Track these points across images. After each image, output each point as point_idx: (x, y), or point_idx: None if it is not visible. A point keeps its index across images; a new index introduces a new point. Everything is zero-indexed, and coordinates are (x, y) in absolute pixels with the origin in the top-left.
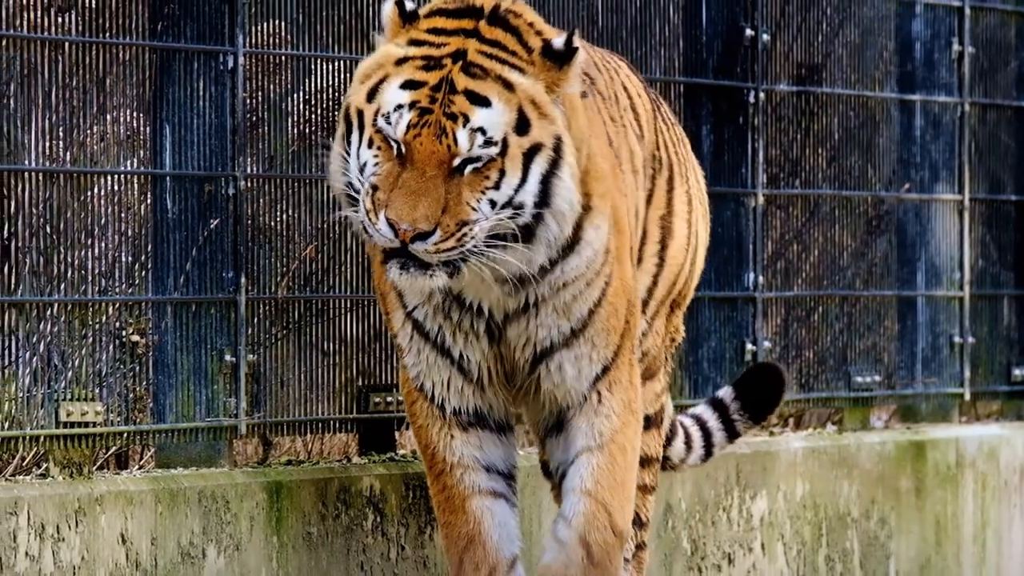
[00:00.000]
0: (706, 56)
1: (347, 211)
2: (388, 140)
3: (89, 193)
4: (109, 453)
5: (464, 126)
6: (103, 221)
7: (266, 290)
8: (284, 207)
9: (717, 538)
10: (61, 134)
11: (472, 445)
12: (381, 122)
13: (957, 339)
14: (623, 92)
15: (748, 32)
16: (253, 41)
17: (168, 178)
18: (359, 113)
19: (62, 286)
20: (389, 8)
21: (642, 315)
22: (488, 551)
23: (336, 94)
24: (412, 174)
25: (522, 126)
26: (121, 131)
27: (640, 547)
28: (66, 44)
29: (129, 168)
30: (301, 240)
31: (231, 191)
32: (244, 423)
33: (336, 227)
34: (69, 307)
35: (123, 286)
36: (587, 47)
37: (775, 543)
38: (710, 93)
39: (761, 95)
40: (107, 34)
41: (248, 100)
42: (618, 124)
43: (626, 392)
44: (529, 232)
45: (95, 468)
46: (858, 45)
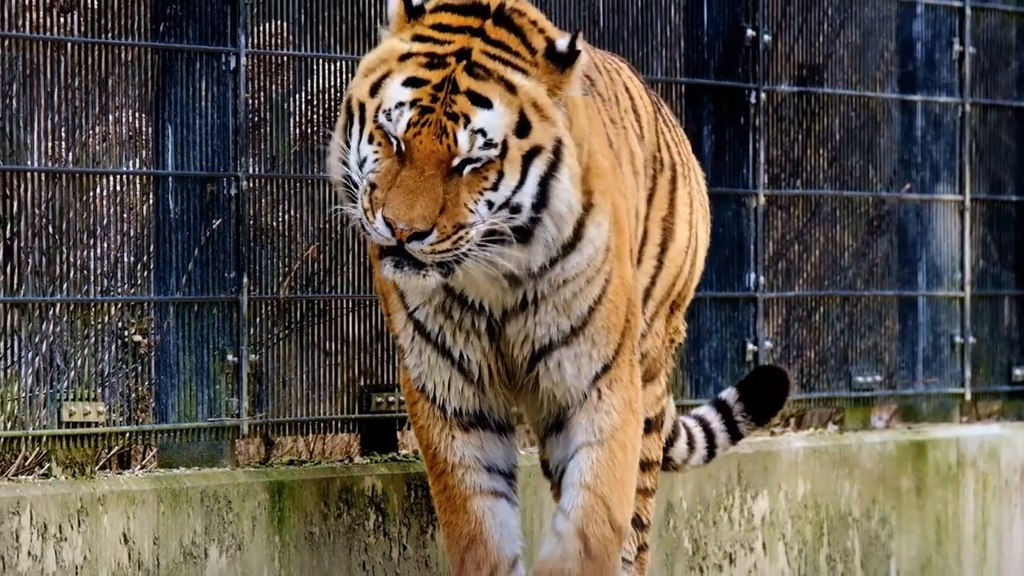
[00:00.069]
0: (707, 56)
1: (345, 205)
2: (388, 137)
3: (91, 193)
4: (111, 453)
5: (465, 127)
6: (105, 221)
7: (268, 290)
8: (286, 207)
9: (718, 538)
10: (63, 134)
11: (473, 445)
12: (382, 118)
13: (958, 339)
14: (624, 93)
15: (749, 32)
16: (255, 41)
17: (170, 178)
18: (361, 106)
19: (64, 286)
20: (395, 2)
21: (641, 316)
22: (489, 550)
23: (338, 94)
24: (411, 173)
25: (522, 128)
26: (123, 131)
27: (642, 549)
28: (68, 44)
29: (131, 168)
30: (303, 240)
31: (233, 191)
32: (246, 423)
33: (338, 227)
34: (71, 307)
35: (125, 286)
36: (588, 48)
37: (776, 543)
38: (711, 93)
39: (762, 95)
40: (109, 34)
41: (250, 100)
42: (618, 126)
43: (627, 391)
44: (527, 233)
45: (97, 468)
46: (859, 45)
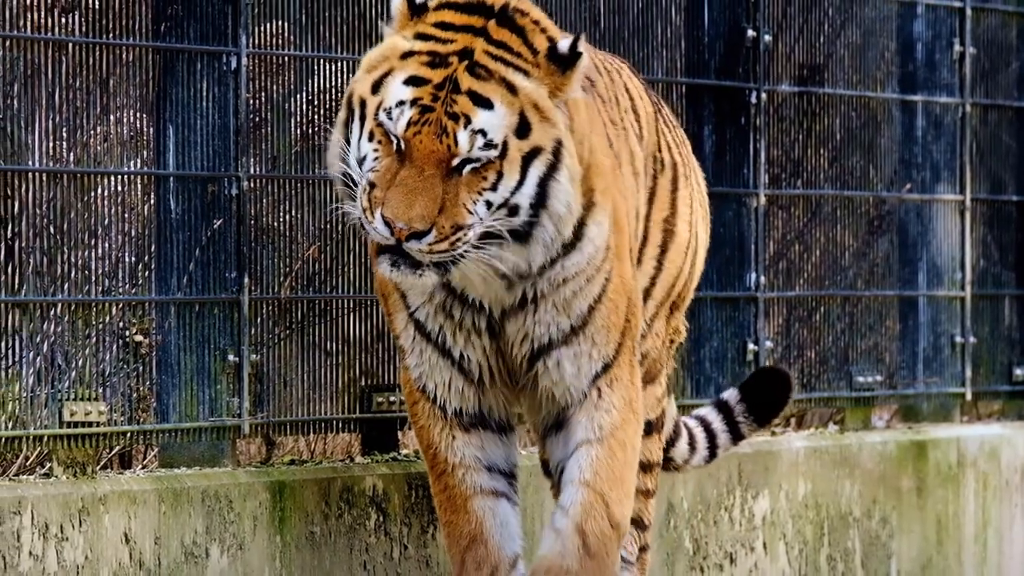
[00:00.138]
0: (708, 57)
1: (344, 200)
2: (388, 135)
3: (93, 193)
4: (113, 453)
5: (465, 127)
6: (106, 221)
7: (269, 290)
8: (287, 207)
9: (719, 537)
10: (65, 134)
11: (474, 445)
12: (382, 116)
13: (958, 339)
14: (624, 94)
15: (750, 33)
16: (256, 42)
17: (171, 178)
18: (362, 103)
19: (66, 286)
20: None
21: (642, 316)
22: (490, 550)
23: (339, 94)
24: (410, 172)
25: (523, 129)
26: (124, 132)
27: (643, 549)
28: (70, 45)
29: (132, 168)
30: (304, 240)
31: (234, 191)
32: (247, 423)
33: (339, 227)
34: (73, 307)
35: (126, 286)
36: (589, 49)
37: (777, 542)
38: (712, 94)
39: (763, 96)
40: (110, 35)
41: (251, 101)
42: (618, 127)
43: (627, 390)
44: (525, 234)
45: (99, 468)
46: (860, 46)
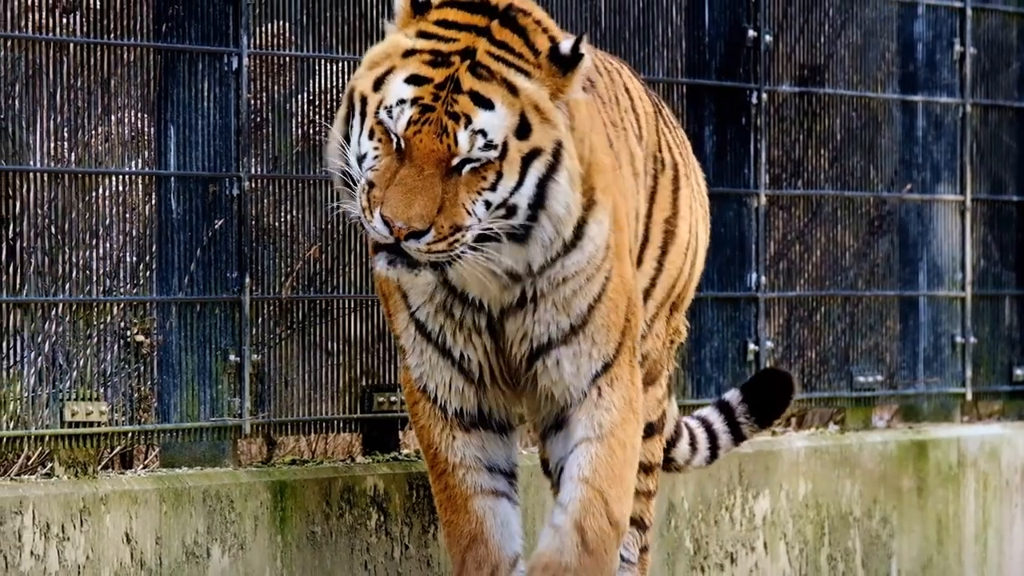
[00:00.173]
0: (709, 57)
1: (342, 194)
2: (389, 134)
3: (94, 194)
4: (114, 453)
5: (466, 127)
6: (108, 221)
7: (270, 290)
8: (288, 207)
9: (720, 537)
10: (66, 135)
11: (474, 446)
12: (383, 114)
13: (959, 339)
14: (623, 94)
15: (751, 33)
16: (257, 42)
17: (172, 179)
18: (363, 99)
19: (67, 286)
20: None
21: (642, 316)
22: (490, 550)
23: (340, 95)
24: (410, 171)
25: (523, 130)
26: (126, 132)
27: (643, 550)
28: (71, 45)
29: (134, 169)
30: (305, 240)
31: (235, 192)
32: (248, 423)
33: (340, 227)
34: (74, 307)
35: (128, 286)
36: (589, 50)
37: (777, 542)
38: (713, 94)
39: (763, 96)
40: (112, 35)
41: (252, 101)
42: (618, 128)
43: (627, 390)
44: (523, 234)
45: (100, 468)
46: (860, 46)
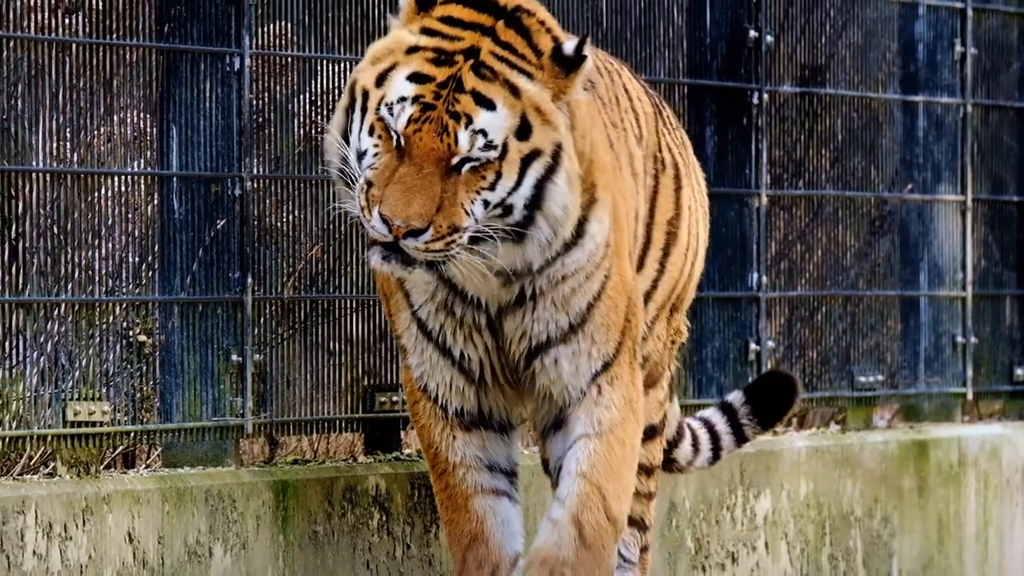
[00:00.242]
0: (710, 58)
1: (337, 185)
2: (389, 130)
3: (96, 194)
4: (116, 452)
5: (466, 127)
6: (110, 222)
7: (272, 290)
8: (290, 208)
9: (721, 537)
10: (68, 135)
11: (474, 445)
12: (384, 111)
13: (960, 339)
14: (623, 94)
15: (752, 34)
16: (259, 43)
17: (175, 179)
18: (364, 93)
19: (69, 286)
20: None
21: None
22: (491, 549)
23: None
24: (409, 169)
25: (523, 131)
26: (128, 132)
27: (644, 550)
28: (73, 45)
29: (136, 169)
30: (307, 240)
31: (237, 192)
32: (250, 422)
33: (342, 227)
34: (76, 307)
35: (130, 286)
36: (591, 51)
37: (778, 542)
38: (714, 94)
39: (765, 96)
40: (114, 35)
41: (254, 101)
42: (618, 128)
43: (627, 390)
44: (519, 233)
45: (102, 467)
46: (861, 47)
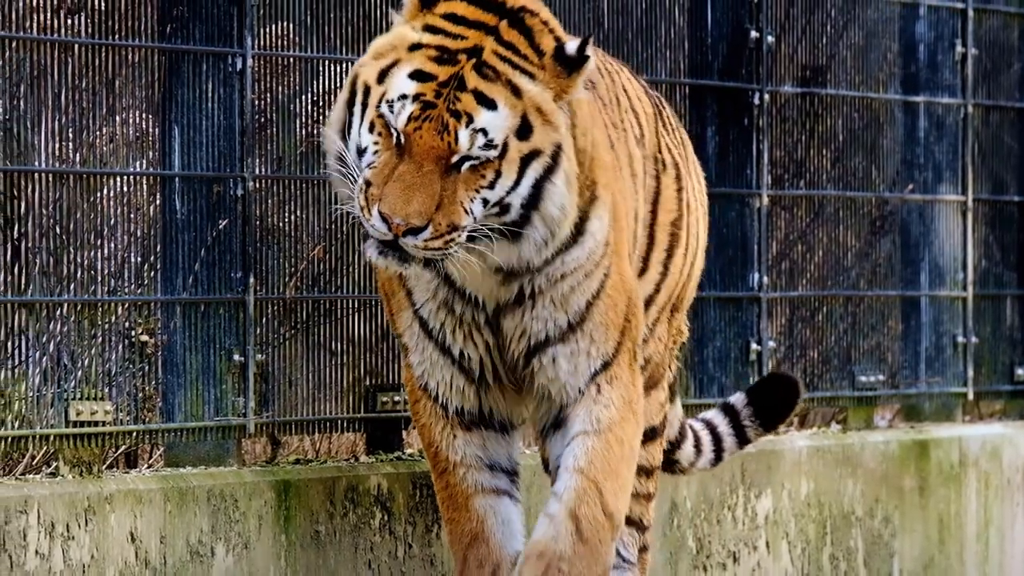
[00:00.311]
0: (711, 58)
1: (333, 177)
2: (389, 128)
3: (98, 194)
4: (118, 452)
5: (467, 125)
6: (112, 222)
7: (274, 290)
8: (292, 208)
9: (722, 536)
10: (71, 135)
11: (475, 444)
12: (384, 108)
13: (960, 339)
14: (623, 95)
15: (753, 34)
16: (261, 43)
17: (177, 179)
18: (366, 89)
19: (72, 286)
20: None
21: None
22: (492, 548)
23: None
24: (409, 167)
25: (524, 131)
26: (130, 132)
27: (643, 550)
28: (76, 46)
29: (138, 169)
30: (309, 240)
31: (240, 192)
32: (252, 422)
33: (344, 227)
34: (79, 307)
35: (132, 286)
36: (593, 52)
37: (780, 542)
38: (715, 95)
39: (766, 97)
40: (116, 36)
41: (256, 101)
42: (619, 129)
43: (627, 390)
44: (514, 232)
45: (104, 467)
46: (862, 47)
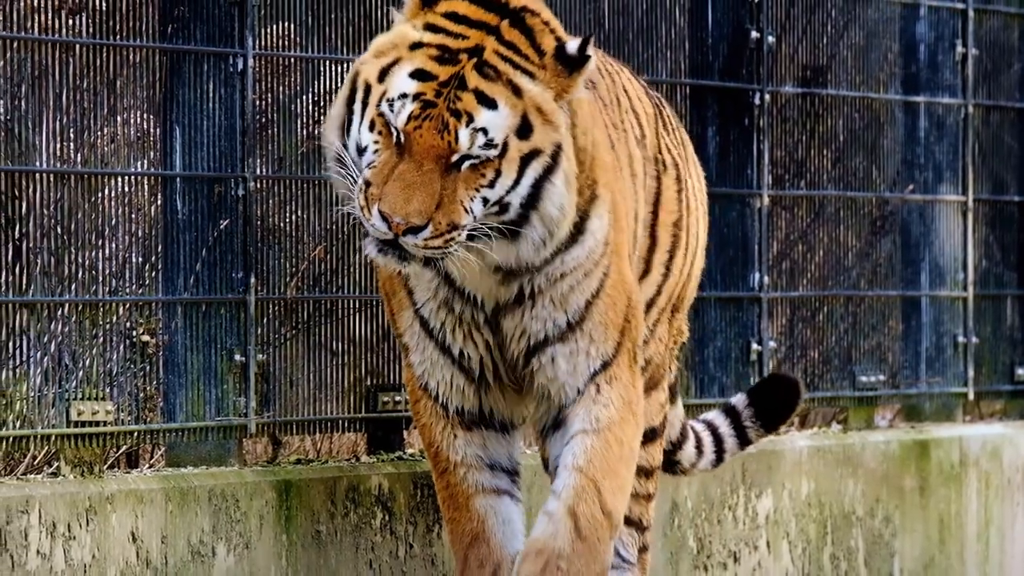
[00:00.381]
0: (712, 58)
1: (331, 173)
2: (389, 127)
3: (100, 194)
4: (120, 452)
5: (467, 125)
6: (114, 222)
7: (275, 290)
8: (293, 208)
9: (723, 536)
10: (72, 135)
11: (475, 444)
12: (384, 107)
13: (961, 339)
14: (624, 95)
15: (753, 34)
16: (262, 43)
17: (178, 179)
18: (366, 87)
19: (73, 286)
20: None
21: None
22: (492, 548)
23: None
24: (409, 166)
25: (524, 131)
26: (131, 132)
27: (643, 550)
28: (77, 46)
29: (139, 169)
30: (310, 240)
31: (241, 192)
32: (254, 422)
33: (345, 228)
34: (80, 307)
35: (133, 286)
36: (594, 52)
37: (780, 541)
38: (716, 95)
39: (766, 97)
40: (118, 36)
41: (257, 102)
42: (619, 130)
43: (627, 390)
44: (514, 231)
45: (106, 467)
46: (863, 47)
